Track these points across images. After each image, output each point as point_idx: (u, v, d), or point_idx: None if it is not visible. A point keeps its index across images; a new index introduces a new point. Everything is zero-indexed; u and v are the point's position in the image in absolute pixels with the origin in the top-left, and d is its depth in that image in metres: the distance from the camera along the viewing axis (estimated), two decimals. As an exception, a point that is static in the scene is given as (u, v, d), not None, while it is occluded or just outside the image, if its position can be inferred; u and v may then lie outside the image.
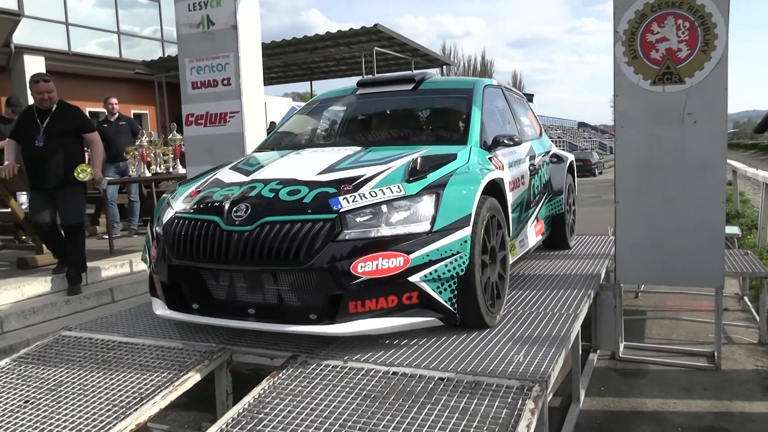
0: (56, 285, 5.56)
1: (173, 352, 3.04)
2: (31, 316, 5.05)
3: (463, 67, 57.32)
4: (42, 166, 5.23)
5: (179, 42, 5.65)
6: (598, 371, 4.20)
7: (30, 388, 2.80)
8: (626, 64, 4.01)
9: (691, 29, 3.84)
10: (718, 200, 3.90)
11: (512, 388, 2.40)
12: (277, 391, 2.54)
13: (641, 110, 4.00)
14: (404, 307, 2.82)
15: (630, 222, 4.10)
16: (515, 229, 3.96)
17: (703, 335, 4.79)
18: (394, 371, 2.62)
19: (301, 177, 3.13)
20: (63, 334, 3.45)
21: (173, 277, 3.10)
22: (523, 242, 4.20)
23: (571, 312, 3.37)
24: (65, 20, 14.99)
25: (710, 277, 3.99)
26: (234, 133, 5.40)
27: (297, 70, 18.32)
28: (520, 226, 4.16)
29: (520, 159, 4.32)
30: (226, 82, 5.42)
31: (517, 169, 4.16)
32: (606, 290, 4.34)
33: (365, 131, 4.42)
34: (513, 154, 4.15)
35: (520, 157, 4.33)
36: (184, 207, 3.19)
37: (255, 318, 2.92)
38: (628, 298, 5.74)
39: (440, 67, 20.35)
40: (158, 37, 17.87)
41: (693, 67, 3.86)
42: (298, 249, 2.75)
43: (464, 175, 3.18)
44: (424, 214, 2.85)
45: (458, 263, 2.85)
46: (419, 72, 4.63)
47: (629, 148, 4.07)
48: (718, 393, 3.77)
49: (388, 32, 14.01)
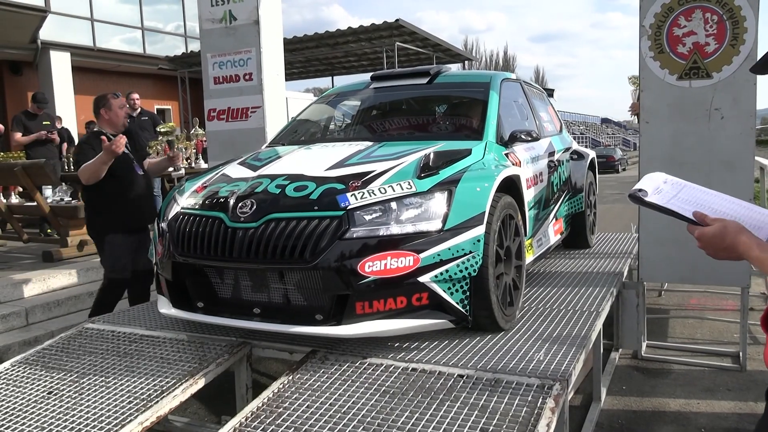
0: (81, 277, 5.64)
1: (194, 346, 3.06)
2: (56, 308, 5.14)
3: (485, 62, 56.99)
4: (145, 200, 4.37)
5: (202, 37, 5.68)
6: (620, 370, 4.16)
7: (53, 379, 2.84)
8: (652, 58, 3.94)
9: (720, 23, 3.76)
10: (746, 197, 3.81)
11: (532, 386, 2.37)
12: (296, 386, 2.55)
13: (667, 105, 3.94)
14: (414, 308, 2.73)
15: (654, 219, 4.03)
16: (533, 228, 3.90)
17: (727, 335, 4.71)
18: (414, 367, 2.61)
19: (309, 172, 3.05)
20: (86, 327, 3.49)
21: (178, 275, 3.04)
22: (540, 241, 4.12)
23: (593, 310, 3.33)
24: (90, 16, 15.19)
25: (736, 276, 3.92)
26: (255, 128, 5.41)
27: (318, 65, 18.37)
28: (538, 225, 4.09)
29: (539, 155, 4.23)
30: (248, 77, 5.44)
31: (535, 165, 4.07)
32: (629, 288, 4.28)
33: (378, 126, 4.34)
34: (531, 150, 4.06)
35: (539, 154, 4.24)
36: (189, 203, 3.13)
37: (260, 318, 2.85)
38: (651, 296, 5.66)
39: (462, 62, 20.24)
40: (181, 33, 18.02)
41: (721, 61, 3.79)
42: (303, 247, 2.67)
43: (479, 171, 3.07)
44: (435, 212, 2.76)
45: (470, 263, 2.76)
46: (435, 66, 4.54)
47: (654, 144, 4.01)
48: (743, 394, 3.70)
49: (410, 27, 13.97)
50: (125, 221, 4.16)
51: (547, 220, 4.33)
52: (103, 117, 4.33)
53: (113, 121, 4.35)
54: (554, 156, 4.62)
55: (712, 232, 1.44)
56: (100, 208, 4.20)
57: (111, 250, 4.16)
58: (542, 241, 4.16)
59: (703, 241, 1.46)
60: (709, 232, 1.44)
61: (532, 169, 3.98)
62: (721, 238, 1.43)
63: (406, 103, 4.52)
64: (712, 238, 1.44)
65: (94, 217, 4.29)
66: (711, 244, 1.45)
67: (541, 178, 4.19)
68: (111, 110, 4.33)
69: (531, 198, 3.83)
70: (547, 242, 4.28)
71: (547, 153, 4.47)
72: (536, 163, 4.11)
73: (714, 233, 1.43)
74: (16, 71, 14.90)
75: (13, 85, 14.91)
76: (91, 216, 4.32)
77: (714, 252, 1.46)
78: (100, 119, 4.37)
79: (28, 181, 6.27)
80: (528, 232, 3.65)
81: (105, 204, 4.15)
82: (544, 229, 4.24)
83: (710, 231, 1.44)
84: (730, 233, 1.41)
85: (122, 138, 4.00)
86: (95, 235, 4.32)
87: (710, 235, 1.44)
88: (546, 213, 4.28)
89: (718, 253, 1.46)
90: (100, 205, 4.19)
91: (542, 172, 4.23)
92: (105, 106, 4.32)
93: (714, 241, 1.44)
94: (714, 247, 1.45)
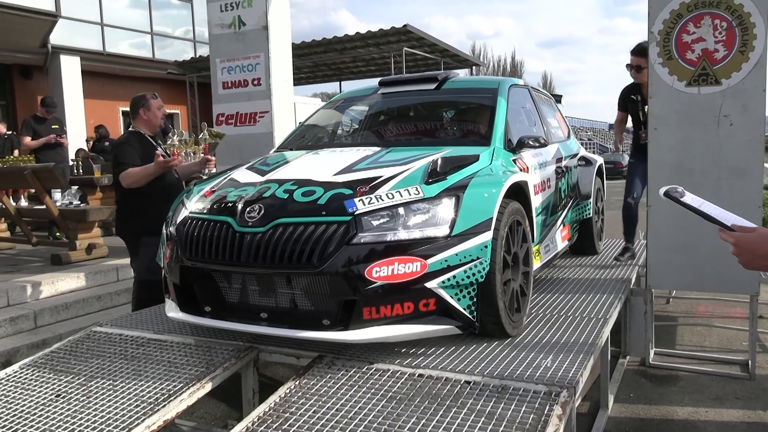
0: (89, 281, 5.67)
1: (201, 350, 3.07)
2: (64, 312, 5.16)
3: (492, 68, 57.03)
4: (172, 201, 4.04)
5: (211, 42, 5.72)
6: (628, 377, 4.13)
7: (61, 382, 2.85)
8: (661, 65, 3.93)
9: (729, 29, 3.75)
10: (755, 205, 3.80)
11: (539, 393, 2.37)
12: (302, 391, 2.55)
13: (676, 112, 3.92)
14: (421, 314, 2.72)
15: (662, 226, 4.02)
16: (540, 234, 3.89)
17: (736, 343, 4.68)
18: (420, 373, 2.60)
19: (316, 177, 3.05)
20: (94, 330, 3.50)
21: (185, 279, 3.05)
22: (548, 247, 4.12)
23: (601, 317, 3.32)
24: (100, 21, 15.30)
25: (745, 283, 3.90)
26: (264, 133, 5.44)
27: (326, 70, 18.43)
28: (546, 231, 4.08)
29: (547, 161, 4.23)
30: (257, 83, 5.47)
31: (543, 171, 4.07)
32: (637, 295, 4.26)
33: (386, 131, 4.34)
34: (539, 156, 4.07)
35: (547, 159, 4.24)
36: (197, 207, 3.14)
37: (267, 322, 2.85)
38: (659, 303, 5.63)
39: (470, 68, 20.26)
40: (190, 38, 18.12)
41: (730, 68, 3.77)
42: (311, 252, 2.67)
43: (486, 177, 3.07)
44: (443, 218, 2.76)
45: (478, 269, 2.76)
46: (443, 72, 4.56)
47: (663, 151, 3.99)
48: (752, 403, 3.67)
49: (418, 33, 14.00)
50: (162, 223, 4.15)
51: (555, 226, 4.32)
52: (141, 117, 4.35)
53: (151, 121, 4.39)
54: (562, 162, 4.62)
55: (752, 239, 1.43)
56: (138, 210, 4.15)
57: (146, 252, 4.07)
58: (549, 248, 4.15)
59: (740, 247, 1.45)
60: (749, 238, 1.44)
61: (540, 175, 3.98)
62: (759, 245, 1.42)
63: (414, 108, 4.53)
64: (751, 245, 1.43)
65: (130, 220, 4.24)
66: (749, 250, 1.44)
67: (549, 184, 4.19)
68: (150, 111, 4.36)
69: (538, 204, 3.83)
70: (554, 248, 4.27)
71: (555, 159, 4.47)
72: (544, 169, 4.11)
73: (753, 240, 1.43)
74: (27, 75, 15.01)
75: (23, 89, 15.03)
76: (126, 218, 4.28)
77: (749, 259, 1.45)
78: (137, 119, 4.38)
79: (38, 184, 6.32)
80: (535, 238, 3.64)
81: (144, 206, 4.11)
82: (552, 235, 4.23)
83: (750, 237, 1.44)
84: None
85: (177, 159, 4.09)
86: (130, 237, 4.28)
87: (749, 242, 1.43)
88: (553, 219, 4.28)
89: (753, 261, 1.45)
90: (138, 208, 4.15)
91: (550, 178, 4.23)
92: (144, 107, 4.34)
93: (752, 248, 1.43)
94: (751, 254, 1.44)
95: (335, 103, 4.86)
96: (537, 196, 3.81)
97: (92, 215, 6.37)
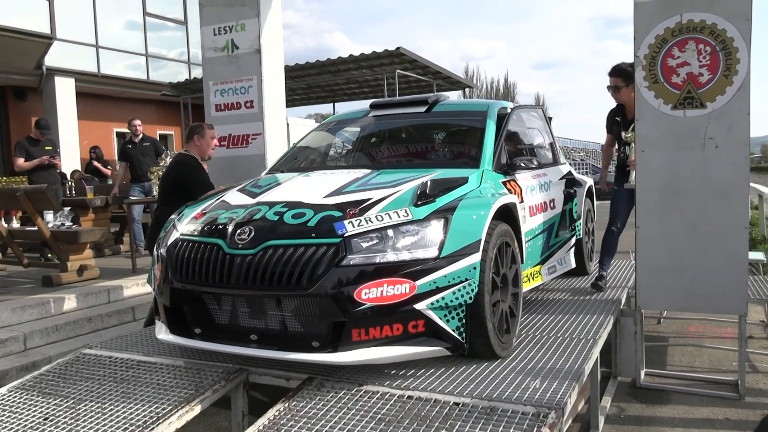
0: (80, 302, 5.65)
1: (191, 372, 3.06)
2: (54, 334, 5.13)
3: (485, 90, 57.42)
4: None
5: (204, 65, 5.77)
6: (618, 398, 4.13)
7: (50, 405, 2.84)
8: (647, 88, 4.00)
9: (713, 54, 3.82)
10: (741, 225, 3.84)
11: (528, 415, 2.38)
12: (291, 413, 2.55)
13: (662, 135, 3.98)
14: (410, 335, 2.74)
15: (651, 247, 4.05)
16: (541, 254, 3.92)
17: (726, 363, 4.69)
18: (409, 395, 2.61)
19: (307, 200, 3.08)
20: (84, 352, 3.49)
21: (176, 301, 3.06)
22: (553, 268, 4.15)
23: (590, 338, 3.34)
24: (95, 43, 15.37)
25: (733, 303, 3.92)
26: (256, 154, 5.48)
27: (320, 92, 18.50)
28: (551, 251, 4.11)
29: (551, 182, 4.28)
30: (249, 105, 5.52)
31: (545, 192, 4.12)
32: (626, 316, 4.28)
33: (376, 154, 4.39)
34: (540, 178, 4.12)
35: (551, 180, 4.30)
36: (188, 229, 3.16)
37: (257, 344, 2.86)
38: (650, 323, 5.65)
39: (462, 90, 20.40)
40: (185, 60, 18.21)
41: (714, 91, 3.84)
42: (300, 274, 2.69)
43: (475, 199, 3.10)
44: (431, 239, 2.78)
45: (467, 291, 2.78)
46: (433, 95, 4.62)
47: (650, 173, 4.04)
48: (742, 424, 3.68)
49: (411, 55, 14.11)
50: None
51: (564, 247, 4.37)
52: (194, 143, 4.65)
53: (203, 149, 4.70)
54: (551, 184, 4.66)
55: None
56: None
57: None
58: (555, 268, 4.19)
59: None
60: None
61: (542, 197, 4.01)
62: None
63: (405, 131, 4.57)
64: None
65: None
66: None
67: (553, 204, 4.22)
68: (203, 139, 4.68)
69: (538, 224, 3.86)
70: (563, 268, 4.31)
71: (560, 180, 4.52)
72: (547, 190, 4.15)
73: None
74: (21, 97, 15.03)
75: (17, 110, 15.04)
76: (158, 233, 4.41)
77: None
78: (190, 144, 4.68)
79: (30, 205, 6.32)
80: (537, 258, 3.67)
81: None
82: (561, 255, 4.27)
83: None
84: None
85: None
86: None
87: None
88: (560, 240, 4.32)
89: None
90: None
91: (554, 199, 4.27)
92: (199, 134, 4.65)
93: None
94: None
95: (327, 126, 4.90)
96: (535, 216, 3.83)
97: (84, 237, 6.37)
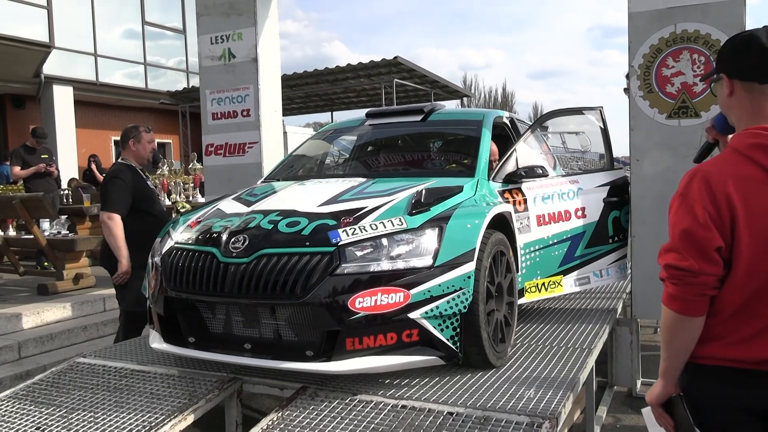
0: (75, 311, 5.63)
1: (184, 381, 3.05)
2: (49, 342, 5.11)
3: (483, 99, 57.59)
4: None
5: (201, 74, 5.78)
6: (614, 408, 4.12)
7: (42, 414, 2.82)
8: (641, 97, 4.01)
9: (707, 63, 3.84)
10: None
11: (522, 424, 2.37)
12: (285, 423, 2.53)
13: (657, 144, 3.99)
14: (404, 344, 2.72)
15: (646, 256, 4.05)
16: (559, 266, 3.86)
17: (723, 373, 4.67)
18: (403, 404, 2.60)
19: (301, 208, 3.07)
20: (77, 361, 3.48)
21: (170, 310, 3.04)
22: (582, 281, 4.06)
23: (585, 347, 3.33)
24: (94, 52, 15.40)
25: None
26: (252, 163, 5.48)
27: (318, 100, 18.55)
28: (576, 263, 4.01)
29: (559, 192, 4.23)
30: (246, 114, 5.53)
31: (561, 202, 4.04)
32: (622, 325, 4.28)
33: (372, 162, 4.39)
34: (541, 189, 4.08)
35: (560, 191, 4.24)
36: (183, 237, 3.15)
37: (251, 353, 2.84)
38: (647, 333, 5.64)
39: (460, 99, 20.46)
40: (183, 68, 18.25)
41: (709, 101, 3.85)
42: (294, 282, 2.68)
43: (470, 208, 3.10)
44: (426, 248, 2.77)
45: (461, 300, 2.76)
46: (429, 104, 4.62)
47: (645, 183, 4.05)
48: (739, 433, 3.66)
49: (408, 64, 14.16)
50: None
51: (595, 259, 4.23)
52: (130, 148, 4.30)
53: (140, 154, 4.34)
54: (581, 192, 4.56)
55: None
56: (140, 241, 3.90)
57: (135, 284, 3.94)
58: (589, 280, 4.10)
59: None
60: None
61: (553, 206, 3.93)
62: None
63: (401, 139, 4.58)
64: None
65: (132, 252, 4.09)
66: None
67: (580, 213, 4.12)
68: (140, 143, 4.32)
69: (550, 235, 3.80)
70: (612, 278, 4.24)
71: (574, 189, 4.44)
72: (557, 200, 4.07)
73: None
74: (19, 105, 15.05)
75: (15, 118, 15.04)
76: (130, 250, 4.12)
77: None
78: (126, 150, 4.32)
79: (26, 213, 6.30)
80: (553, 268, 3.64)
81: (132, 238, 4.05)
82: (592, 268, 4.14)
83: None
84: None
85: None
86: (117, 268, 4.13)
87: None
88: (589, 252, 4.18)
89: None
90: (141, 239, 3.92)
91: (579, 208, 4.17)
92: (135, 138, 4.30)
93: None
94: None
95: (323, 134, 4.91)
96: (547, 226, 3.76)
97: (80, 245, 6.35)
